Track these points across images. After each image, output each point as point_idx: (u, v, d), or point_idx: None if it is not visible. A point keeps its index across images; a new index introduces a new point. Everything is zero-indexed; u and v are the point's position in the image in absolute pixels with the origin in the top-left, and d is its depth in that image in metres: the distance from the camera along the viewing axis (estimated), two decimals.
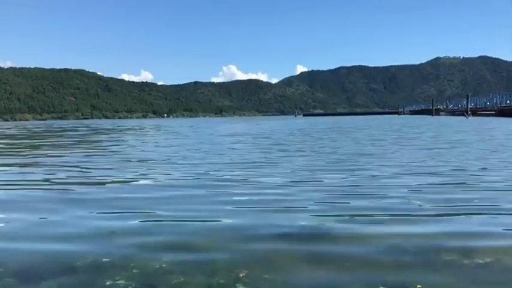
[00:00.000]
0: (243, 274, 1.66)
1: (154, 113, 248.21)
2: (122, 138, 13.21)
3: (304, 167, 4.98)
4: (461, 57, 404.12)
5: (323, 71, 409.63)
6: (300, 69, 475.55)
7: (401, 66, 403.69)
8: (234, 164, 5.41)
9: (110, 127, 29.26)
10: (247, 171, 4.65)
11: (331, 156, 6.20)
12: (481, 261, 1.77)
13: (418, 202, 2.89)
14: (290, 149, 7.67)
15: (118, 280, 1.61)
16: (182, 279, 1.63)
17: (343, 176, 4.20)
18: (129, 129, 24.04)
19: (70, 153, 7.79)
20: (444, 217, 2.54)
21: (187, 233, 2.28)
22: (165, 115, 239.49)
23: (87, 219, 2.63)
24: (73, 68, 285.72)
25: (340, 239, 2.13)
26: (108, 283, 1.59)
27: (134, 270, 1.71)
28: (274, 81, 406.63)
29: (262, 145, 8.87)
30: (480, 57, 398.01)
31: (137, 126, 29.80)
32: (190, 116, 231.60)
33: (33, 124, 54.76)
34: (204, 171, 4.69)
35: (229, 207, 2.85)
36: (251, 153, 7.00)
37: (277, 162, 5.57)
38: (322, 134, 13.59)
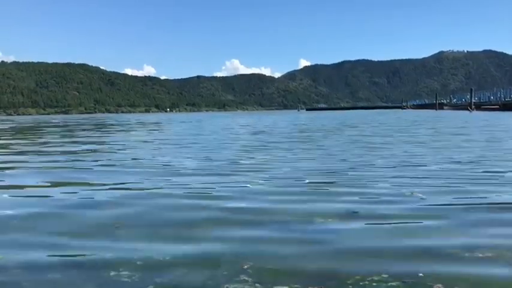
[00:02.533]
0: (248, 265, 1.65)
1: (157, 107, 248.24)
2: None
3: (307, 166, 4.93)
4: (466, 51, 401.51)
5: (326, 65, 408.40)
6: (303, 63, 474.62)
7: (405, 60, 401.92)
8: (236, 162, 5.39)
9: (99, 123, 29.25)
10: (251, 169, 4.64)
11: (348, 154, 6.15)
12: (482, 255, 1.75)
13: (416, 194, 2.88)
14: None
15: (122, 271, 1.61)
16: (186, 270, 1.62)
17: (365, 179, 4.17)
18: (111, 124, 24.01)
19: None
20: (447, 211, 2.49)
21: (189, 225, 2.27)
22: (168, 109, 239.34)
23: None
24: (76, 63, 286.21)
25: (344, 231, 2.11)
26: (112, 274, 1.60)
27: (138, 263, 1.71)
28: (277, 75, 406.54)
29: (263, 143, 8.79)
30: (484, 51, 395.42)
31: (128, 122, 29.78)
32: (193, 111, 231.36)
33: (23, 119, 54.56)
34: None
35: (233, 200, 2.85)
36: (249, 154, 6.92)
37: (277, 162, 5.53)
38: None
